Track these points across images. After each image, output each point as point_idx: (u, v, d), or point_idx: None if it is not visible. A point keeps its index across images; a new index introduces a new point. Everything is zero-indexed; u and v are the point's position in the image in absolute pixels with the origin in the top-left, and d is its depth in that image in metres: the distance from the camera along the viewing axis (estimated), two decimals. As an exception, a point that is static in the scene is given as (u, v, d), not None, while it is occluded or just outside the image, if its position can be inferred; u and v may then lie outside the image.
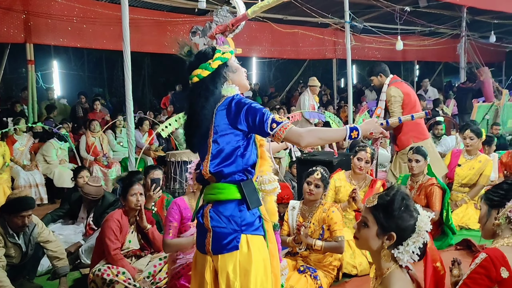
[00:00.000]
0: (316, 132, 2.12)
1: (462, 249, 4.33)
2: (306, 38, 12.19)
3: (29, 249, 3.67)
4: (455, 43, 12.44)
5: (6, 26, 8.18)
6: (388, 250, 1.78)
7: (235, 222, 2.12)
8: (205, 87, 2.16)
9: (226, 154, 2.12)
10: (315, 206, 3.67)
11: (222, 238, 2.11)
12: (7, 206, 3.57)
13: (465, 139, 5.34)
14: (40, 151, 7.22)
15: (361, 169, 4.26)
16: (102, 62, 16.78)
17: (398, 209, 1.75)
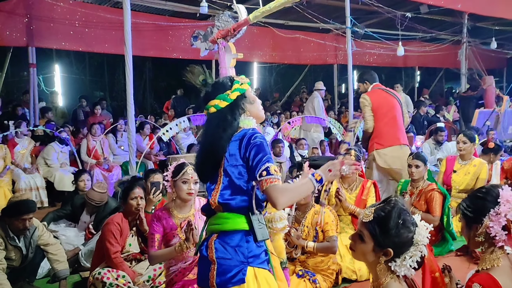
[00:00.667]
0: (290, 194, 2.01)
1: (463, 255, 4.33)
2: (307, 44, 12.23)
3: (30, 252, 3.67)
4: (456, 49, 12.46)
5: (8, 29, 8.22)
6: (384, 264, 1.77)
7: (242, 253, 2.04)
8: (223, 118, 2.14)
9: (237, 187, 2.07)
10: (307, 210, 3.70)
11: (228, 270, 2.02)
12: (8, 209, 3.58)
13: (458, 143, 5.36)
14: (41, 154, 7.24)
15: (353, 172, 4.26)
16: (103, 66, 16.82)
17: (394, 226, 1.74)
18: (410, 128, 9.22)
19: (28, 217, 3.53)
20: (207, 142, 2.18)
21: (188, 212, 3.21)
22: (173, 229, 3.06)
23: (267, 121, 10.45)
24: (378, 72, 18.48)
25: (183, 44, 10.06)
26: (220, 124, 2.13)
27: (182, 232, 3.08)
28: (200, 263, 2.16)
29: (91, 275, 3.52)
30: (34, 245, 3.69)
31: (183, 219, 3.15)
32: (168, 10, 9.77)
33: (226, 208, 2.08)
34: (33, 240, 3.67)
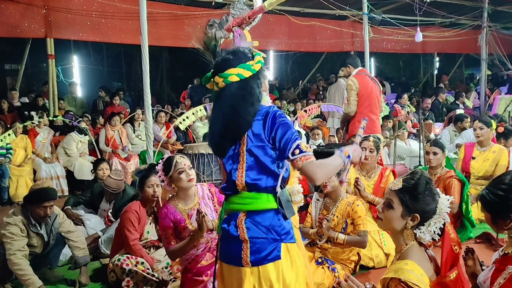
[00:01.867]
0: (326, 168, 2.00)
1: (482, 242, 4.28)
2: (324, 31, 12.10)
3: (51, 239, 3.75)
4: (476, 35, 12.17)
5: (27, 21, 8.32)
6: (411, 230, 1.90)
7: (276, 231, 2.05)
8: (249, 91, 2.02)
9: (264, 166, 2.03)
10: (339, 199, 3.64)
11: (262, 248, 2.02)
12: (30, 197, 3.65)
13: (475, 130, 5.28)
14: (60, 144, 7.36)
15: (366, 158, 4.22)
16: (121, 56, 16.96)
17: (423, 192, 1.86)
18: (429, 115, 9.12)
19: (49, 205, 3.60)
20: (229, 115, 2.03)
21: (192, 202, 3.17)
22: (182, 222, 3.06)
23: (283, 110, 10.43)
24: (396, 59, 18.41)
25: (198, 33, 10.05)
26: (246, 97, 2.01)
27: (191, 223, 3.09)
28: (226, 242, 2.12)
29: (111, 262, 3.59)
30: (55, 232, 3.77)
31: (189, 210, 3.13)
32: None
33: (253, 188, 2.04)
34: (54, 227, 3.75)
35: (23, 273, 3.39)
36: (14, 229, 3.49)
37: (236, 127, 2.02)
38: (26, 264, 3.44)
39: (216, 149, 2.15)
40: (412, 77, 19.89)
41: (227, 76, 2.02)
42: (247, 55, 2.08)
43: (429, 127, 8.26)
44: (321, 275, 3.43)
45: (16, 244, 3.45)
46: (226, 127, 2.04)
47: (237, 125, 2.02)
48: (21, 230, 3.53)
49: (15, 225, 3.51)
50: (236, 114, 2.01)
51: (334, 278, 3.47)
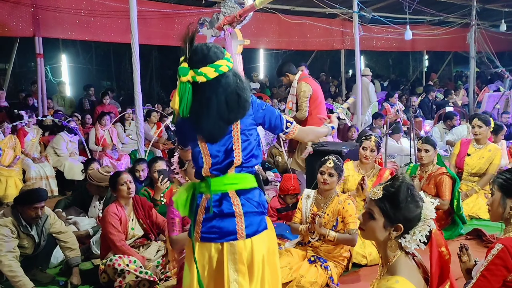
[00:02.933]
0: (314, 131, 2.66)
1: (473, 239, 4.31)
2: (314, 29, 12.10)
3: (42, 240, 3.72)
4: (465, 32, 12.27)
5: (15, 20, 8.20)
6: (395, 240, 1.78)
7: (263, 205, 2.31)
8: (241, 78, 2.20)
9: (253, 146, 2.26)
10: (331, 197, 3.65)
11: (254, 221, 2.24)
12: (20, 198, 3.62)
13: (473, 127, 5.31)
14: (50, 144, 7.29)
15: (367, 158, 4.25)
16: (110, 55, 16.82)
17: (404, 200, 1.74)
18: (419, 112, 9.18)
19: (40, 206, 3.57)
20: (232, 100, 2.14)
21: None
22: None
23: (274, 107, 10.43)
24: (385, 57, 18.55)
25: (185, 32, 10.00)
26: (244, 82, 2.19)
27: None
28: (218, 220, 2.22)
29: (102, 263, 3.58)
30: (46, 233, 3.74)
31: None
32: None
33: (244, 168, 2.25)
34: (45, 228, 3.72)
35: (14, 275, 3.35)
36: (4, 230, 3.45)
37: (239, 109, 2.17)
38: (17, 265, 3.40)
39: (213, 134, 2.21)
40: (402, 75, 20.02)
41: (219, 66, 2.13)
42: (222, 51, 2.22)
43: (419, 124, 8.31)
44: (314, 274, 3.44)
45: (7, 246, 3.41)
46: (228, 111, 2.15)
47: (241, 107, 2.17)
48: (12, 231, 3.49)
49: (5, 226, 3.47)
50: (239, 97, 2.15)
51: (327, 276, 3.48)
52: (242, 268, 2.19)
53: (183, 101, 2.13)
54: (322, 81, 15.52)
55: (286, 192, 4.74)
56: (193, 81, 2.13)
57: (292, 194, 4.71)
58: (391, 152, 6.78)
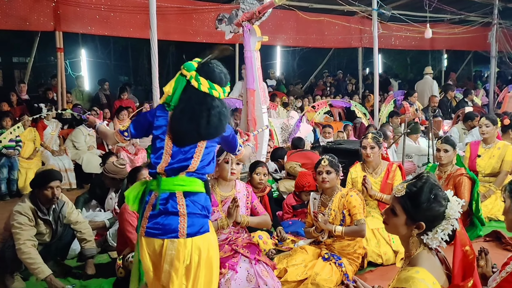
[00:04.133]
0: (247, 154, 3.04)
1: (491, 241, 4.26)
2: (332, 26, 12.02)
3: (59, 226, 3.78)
4: (486, 31, 12.06)
5: (36, 14, 8.32)
6: (417, 237, 1.81)
7: (207, 209, 2.49)
8: (225, 108, 2.43)
9: (210, 159, 2.51)
10: (334, 193, 3.68)
11: (196, 222, 2.41)
12: (35, 180, 3.69)
13: (481, 127, 5.27)
14: (69, 137, 7.39)
15: (368, 156, 4.20)
16: (127, 50, 16.96)
17: (426, 200, 1.77)
18: (438, 112, 9.06)
19: (56, 185, 3.62)
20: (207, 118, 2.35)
21: (229, 192, 3.39)
22: (214, 205, 3.18)
23: (291, 105, 10.40)
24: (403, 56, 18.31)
25: (207, 28, 10.02)
26: (223, 113, 2.41)
27: (223, 210, 3.26)
28: (163, 218, 2.39)
29: (119, 259, 3.62)
30: (63, 219, 3.79)
31: (224, 197, 3.32)
32: (193, -7, 9.74)
33: (196, 173, 2.46)
34: (61, 214, 3.77)
35: (32, 262, 3.41)
36: (22, 219, 3.51)
37: (216, 131, 2.43)
38: (35, 253, 3.46)
39: (184, 139, 2.42)
40: (420, 74, 19.67)
41: (213, 88, 2.36)
42: (228, 81, 2.46)
43: (438, 124, 8.20)
44: (329, 271, 3.44)
45: (25, 234, 3.48)
46: (206, 128, 2.37)
47: (217, 130, 2.44)
48: (29, 219, 3.55)
49: (24, 214, 3.53)
50: (220, 122, 2.40)
51: (342, 273, 3.48)
52: (177, 264, 2.35)
53: (175, 91, 2.38)
54: (339, 79, 15.44)
55: (301, 189, 4.73)
56: (188, 80, 2.35)
57: (307, 191, 4.70)
58: (409, 152, 6.71)
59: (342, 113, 10.33)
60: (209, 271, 2.45)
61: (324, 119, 9.45)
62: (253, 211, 3.56)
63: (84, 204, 4.84)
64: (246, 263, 3.23)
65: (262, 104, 5.59)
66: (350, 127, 8.50)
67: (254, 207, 3.56)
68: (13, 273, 3.61)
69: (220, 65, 2.43)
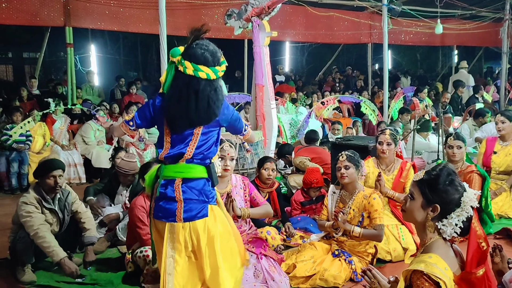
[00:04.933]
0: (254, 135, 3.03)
1: (502, 238, 4.23)
2: (341, 22, 11.96)
3: (66, 215, 3.82)
4: (498, 27, 11.92)
5: (46, 9, 8.38)
6: (432, 221, 1.88)
7: (206, 195, 2.51)
8: (216, 90, 2.40)
9: (209, 145, 2.51)
10: (356, 192, 3.62)
11: (193, 208, 2.47)
12: (38, 169, 3.74)
13: (497, 124, 5.19)
14: (78, 132, 7.43)
15: (384, 152, 4.11)
16: (137, 46, 17.02)
17: (443, 182, 1.85)
18: (448, 108, 9.00)
19: (58, 174, 3.67)
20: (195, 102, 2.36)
21: (225, 188, 3.37)
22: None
23: (300, 101, 10.38)
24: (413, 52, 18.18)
25: (215, 23, 10.02)
26: (214, 96, 2.39)
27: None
28: (164, 202, 2.50)
29: (128, 253, 3.64)
30: (69, 208, 3.83)
31: (221, 194, 3.27)
32: (202, -11, 9.73)
33: (194, 160, 2.48)
34: (67, 203, 3.81)
35: (47, 245, 3.45)
36: (30, 207, 3.57)
37: (206, 116, 2.41)
38: (51, 236, 3.51)
39: (175, 126, 2.44)
40: (430, 70, 19.62)
41: (199, 70, 2.34)
42: (219, 59, 2.41)
43: (448, 120, 8.14)
44: (338, 267, 3.44)
45: (37, 220, 3.53)
46: (196, 113, 2.37)
47: (208, 115, 2.41)
48: (36, 207, 3.61)
49: (30, 204, 3.58)
50: (208, 106, 2.38)
51: (351, 270, 3.47)
52: (178, 246, 2.48)
53: (166, 78, 2.42)
54: (348, 75, 15.37)
55: (310, 185, 4.72)
56: (176, 66, 2.38)
57: (315, 187, 4.68)
58: (418, 149, 6.66)
59: (351, 109, 10.29)
60: (212, 252, 2.51)
61: (333, 115, 9.42)
62: (252, 202, 3.56)
63: (94, 195, 4.86)
64: (253, 259, 3.23)
65: (271, 99, 5.58)
66: (359, 123, 8.46)
67: (253, 199, 3.56)
68: (24, 266, 3.64)
69: (204, 45, 2.39)
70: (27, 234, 3.53)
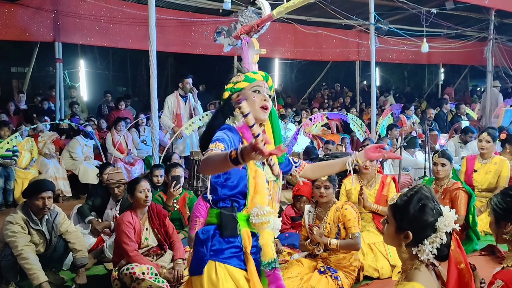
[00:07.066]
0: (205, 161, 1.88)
1: (487, 255, 4.26)
2: (330, 40, 12.13)
3: (53, 237, 3.77)
4: (482, 46, 12.16)
5: (36, 25, 8.39)
6: (406, 248, 1.82)
7: (206, 246, 2.10)
8: (214, 116, 2.28)
9: (211, 183, 2.17)
10: (329, 206, 3.69)
11: (196, 260, 2.11)
12: (28, 189, 3.73)
13: (481, 141, 5.27)
14: (66, 147, 7.38)
15: (367, 169, 4.24)
16: (126, 61, 17.01)
17: (413, 209, 1.79)
18: (434, 126, 9.11)
19: (47, 196, 3.64)
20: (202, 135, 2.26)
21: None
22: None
23: (288, 117, 10.44)
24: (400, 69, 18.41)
25: (205, 40, 10.11)
26: (209, 123, 2.28)
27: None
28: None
29: (115, 270, 3.61)
30: (57, 229, 3.79)
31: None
32: (192, 6, 9.82)
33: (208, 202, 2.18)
34: (55, 224, 3.78)
35: (29, 267, 3.42)
36: (15, 227, 3.54)
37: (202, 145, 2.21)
38: (34, 259, 3.48)
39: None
40: (417, 87, 19.90)
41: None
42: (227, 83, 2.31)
43: (435, 138, 8.24)
44: (325, 284, 3.44)
45: (22, 241, 3.50)
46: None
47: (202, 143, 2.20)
48: (22, 227, 3.57)
49: (16, 224, 3.55)
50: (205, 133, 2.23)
51: (337, 286, 3.48)
52: None
53: None
54: (337, 92, 15.52)
55: (295, 193, 4.73)
56: None
57: (300, 196, 4.66)
58: (405, 165, 6.72)
59: (340, 125, 10.36)
60: None
61: (321, 131, 9.47)
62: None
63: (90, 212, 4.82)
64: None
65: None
66: (347, 140, 8.52)
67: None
68: (8, 284, 3.59)
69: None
70: (12, 253, 3.49)
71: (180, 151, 6.73)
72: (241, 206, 2.14)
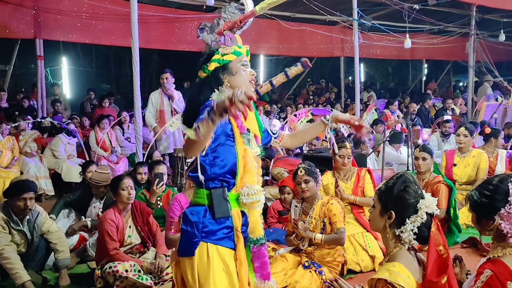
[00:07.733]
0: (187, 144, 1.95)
1: (468, 247, 4.33)
2: (314, 36, 12.17)
3: (34, 237, 3.74)
4: (464, 42, 12.33)
5: (16, 21, 8.24)
6: (390, 229, 1.96)
7: (197, 227, 2.07)
8: (197, 90, 2.15)
9: (200, 163, 2.10)
10: (315, 201, 3.71)
11: (185, 241, 2.09)
12: (9, 189, 3.69)
13: (459, 136, 5.39)
14: (48, 146, 7.28)
15: (345, 165, 4.30)
16: (110, 58, 16.87)
17: (397, 189, 1.94)
18: (417, 120, 9.20)
19: (29, 197, 3.61)
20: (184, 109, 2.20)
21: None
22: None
23: (273, 114, 10.46)
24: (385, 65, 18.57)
25: (189, 36, 10.05)
26: (192, 97, 2.16)
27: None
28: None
29: (97, 269, 3.60)
30: (39, 229, 3.76)
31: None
32: (175, 2, 9.75)
33: (195, 181, 2.13)
34: (36, 224, 3.74)
35: (11, 267, 3.39)
36: None
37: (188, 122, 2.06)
38: (16, 258, 3.45)
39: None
40: (401, 83, 20.09)
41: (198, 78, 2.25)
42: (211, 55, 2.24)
43: (417, 133, 8.33)
44: (309, 279, 3.45)
45: (2, 240, 3.47)
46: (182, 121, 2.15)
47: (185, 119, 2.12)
48: (2, 227, 3.54)
49: None
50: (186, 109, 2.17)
51: (322, 281, 3.50)
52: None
53: None
54: (322, 88, 15.58)
55: (280, 184, 4.75)
56: None
57: (284, 187, 4.66)
58: (389, 160, 6.79)
59: (324, 121, 10.39)
60: None
61: (305, 127, 9.50)
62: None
63: (65, 206, 4.77)
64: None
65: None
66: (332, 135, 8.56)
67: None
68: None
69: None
70: (-8, 253, 3.45)
71: (164, 148, 6.71)
72: (230, 186, 2.12)
